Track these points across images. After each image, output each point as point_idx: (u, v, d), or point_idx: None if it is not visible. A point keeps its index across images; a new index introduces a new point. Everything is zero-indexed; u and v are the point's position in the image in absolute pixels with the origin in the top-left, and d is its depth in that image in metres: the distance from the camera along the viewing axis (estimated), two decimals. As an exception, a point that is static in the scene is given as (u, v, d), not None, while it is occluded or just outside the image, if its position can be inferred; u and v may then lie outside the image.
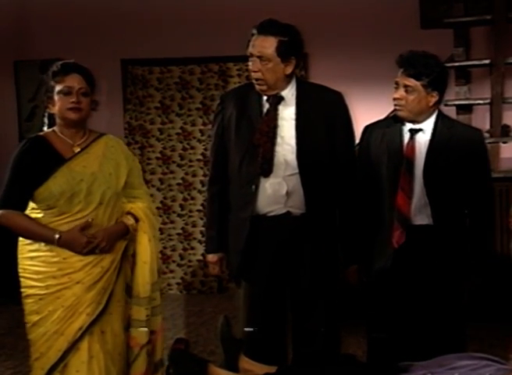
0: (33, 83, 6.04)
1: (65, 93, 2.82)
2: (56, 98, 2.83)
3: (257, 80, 3.03)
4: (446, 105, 4.89)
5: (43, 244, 2.82)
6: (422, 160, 3.03)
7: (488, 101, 5.17)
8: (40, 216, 2.82)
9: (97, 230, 2.83)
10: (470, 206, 3.13)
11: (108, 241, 2.83)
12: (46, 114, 2.97)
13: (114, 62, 6.09)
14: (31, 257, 2.83)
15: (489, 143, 4.99)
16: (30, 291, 2.83)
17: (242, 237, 3.10)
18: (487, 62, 5.16)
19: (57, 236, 2.76)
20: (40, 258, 2.81)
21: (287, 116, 3.07)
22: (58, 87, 2.83)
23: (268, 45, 2.97)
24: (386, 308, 3.11)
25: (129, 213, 2.95)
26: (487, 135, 5.06)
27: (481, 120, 5.24)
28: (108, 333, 2.86)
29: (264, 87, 3.04)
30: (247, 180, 3.06)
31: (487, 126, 5.20)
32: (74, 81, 2.83)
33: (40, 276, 2.80)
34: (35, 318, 2.81)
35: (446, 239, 3.05)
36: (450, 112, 4.65)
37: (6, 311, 5.53)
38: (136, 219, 2.95)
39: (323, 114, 3.07)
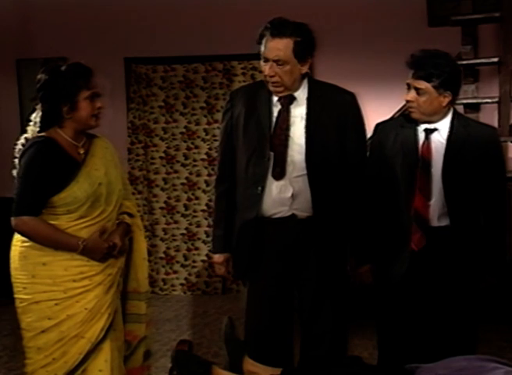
0: (35, 82, 5.99)
1: (92, 98, 2.77)
2: (83, 103, 2.75)
3: (274, 83, 2.95)
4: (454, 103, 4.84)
5: None
6: (440, 160, 2.97)
7: (496, 99, 5.11)
8: (56, 222, 2.75)
9: (109, 233, 2.83)
10: (484, 206, 3.08)
11: (124, 242, 2.85)
12: (39, 113, 2.84)
13: (117, 61, 6.05)
14: (44, 262, 2.76)
15: (497, 142, 4.94)
16: (42, 297, 2.76)
17: (247, 238, 3.06)
18: (495, 60, 5.10)
19: (82, 244, 2.72)
20: (57, 263, 2.75)
21: (298, 115, 3.01)
22: (85, 93, 2.75)
23: (284, 48, 2.88)
24: (397, 309, 3.07)
25: (123, 213, 2.93)
26: (495, 134, 5.01)
27: (489, 119, 5.16)
28: (118, 330, 2.88)
29: (280, 89, 2.98)
30: (254, 181, 3.00)
31: (495, 126, 5.14)
32: (97, 86, 2.78)
33: (56, 280, 2.75)
34: (47, 324, 2.76)
35: (463, 240, 3.00)
36: (458, 110, 4.59)
37: (8, 312, 5.48)
38: (130, 216, 2.95)
39: (334, 114, 3.00)
